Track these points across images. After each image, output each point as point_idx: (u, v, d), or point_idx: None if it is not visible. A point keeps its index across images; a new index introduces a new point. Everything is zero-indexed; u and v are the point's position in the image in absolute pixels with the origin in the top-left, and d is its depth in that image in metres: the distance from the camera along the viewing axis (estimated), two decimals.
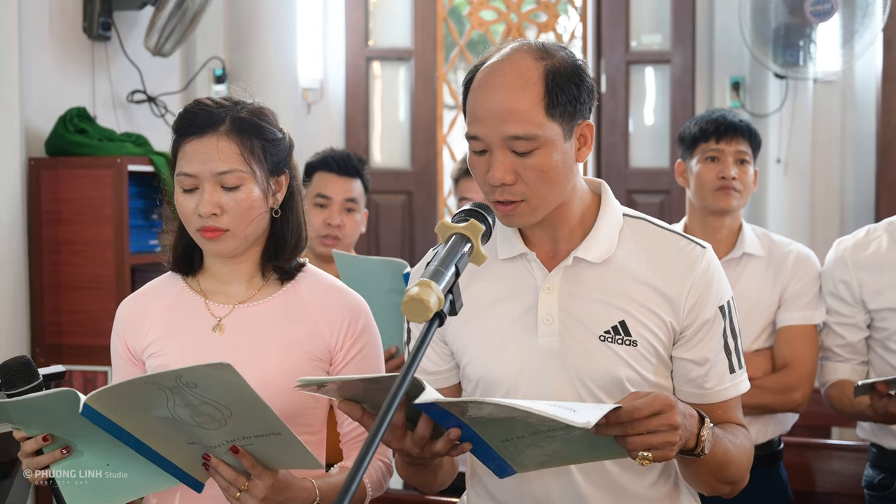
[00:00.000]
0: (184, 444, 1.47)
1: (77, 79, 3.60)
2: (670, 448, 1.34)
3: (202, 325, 1.69)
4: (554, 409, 1.23)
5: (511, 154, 1.44)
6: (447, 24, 4.84)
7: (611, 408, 1.30)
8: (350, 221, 2.68)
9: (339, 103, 5.01)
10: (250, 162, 1.63)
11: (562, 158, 1.46)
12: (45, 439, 1.52)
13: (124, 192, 3.28)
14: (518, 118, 1.42)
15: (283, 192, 1.70)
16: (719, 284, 1.53)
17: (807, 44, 4.47)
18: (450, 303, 1.27)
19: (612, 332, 1.49)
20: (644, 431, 1.32)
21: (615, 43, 4.98)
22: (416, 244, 5.01)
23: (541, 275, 1.53)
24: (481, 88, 1.46)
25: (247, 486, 1.48)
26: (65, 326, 3.34)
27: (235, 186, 1.62)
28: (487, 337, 1.54)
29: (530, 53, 1.46)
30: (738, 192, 2.48)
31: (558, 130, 1.45)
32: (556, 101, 1.43)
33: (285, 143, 1.71)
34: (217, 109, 1.64)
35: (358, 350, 1.70)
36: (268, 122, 1.68)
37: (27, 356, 1.59)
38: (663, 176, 4.93)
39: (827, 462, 2.75)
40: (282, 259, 1.70)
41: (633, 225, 1.56)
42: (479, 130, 1.45)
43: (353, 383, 1.34)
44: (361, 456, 1.09)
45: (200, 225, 1.63)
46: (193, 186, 1.63)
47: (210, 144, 1.62)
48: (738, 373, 1.56)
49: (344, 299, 1.72)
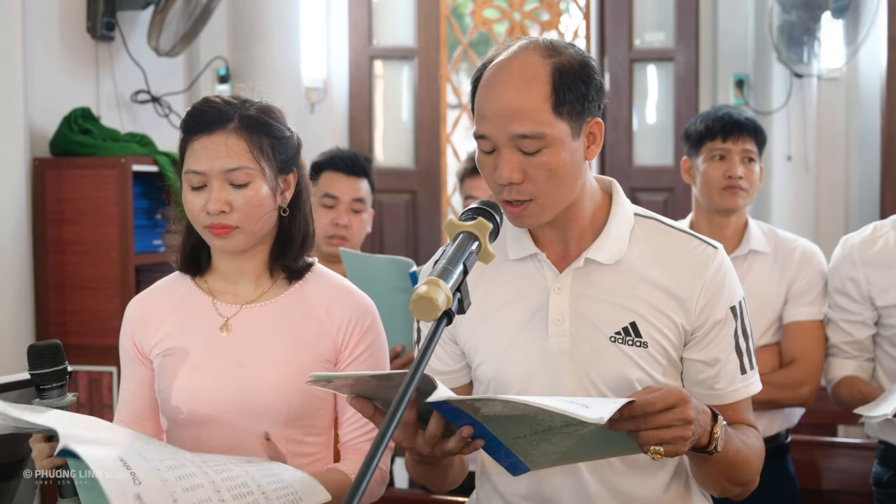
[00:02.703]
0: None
1: (81, 79, 3.60)
2: (683, 443, 1.33)
3: (210, 324, 1.69)
4: (566, 405, 1.23)
5: (519, 153, 1.43)
6: (450, 23, 4.84)
7: (624, 402, 1.29)
8: (357, 221, 2.68)
9: (343, 103, 5.01)
10: (259, 159, 1.63)
11: (570, 157, 1.45)
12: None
13: (129, 192, 3.27)
14: (525, 117, 1.42)
15: (291, 190, 1.69)
16: (731, 285, 1.53)
17: (811, 41, 4.47)
18: (458, 301, 1.27)
19: (622, 333, 1.48)
20: (657, 426, 1.31)
21: (618, 41, 4.97)
22: (419, 243, 5.01)
23: (551, 275, 1.52)
24: (488, 87, 1.45)
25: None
26: (69, 326, 3.34)
27: (244, 184, 1.62)
28: (498, 338, 1.54)
29: (538, 51, 1.45)
30: (744, 191, 2.48)
31: (566, 129, 1.44)
32: (563, 100, 1.43)
33: (293, 141, 1.70)
34: (226, 107, 1.64)
35: (363, 349, 1.70)
36: (276, 119, 1.68)
37: (58, 342, 1.58)
38: (667, 174, 4.92)
39: (833, 460, 2.74)
40: (289, 258, 1.70)
41: (644, 225, 1.55)
42: (486, 129, 1.45)
43: (364, 380, 1.34)
44: (372, 453, 1.08)
45: (209, 222, 1.62)
46: (202, 184, 1.62)
47: (219, 142, 1.61)
48: (749, 374, 1.55)
49: (350, 299, 1.72)
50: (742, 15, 4.77)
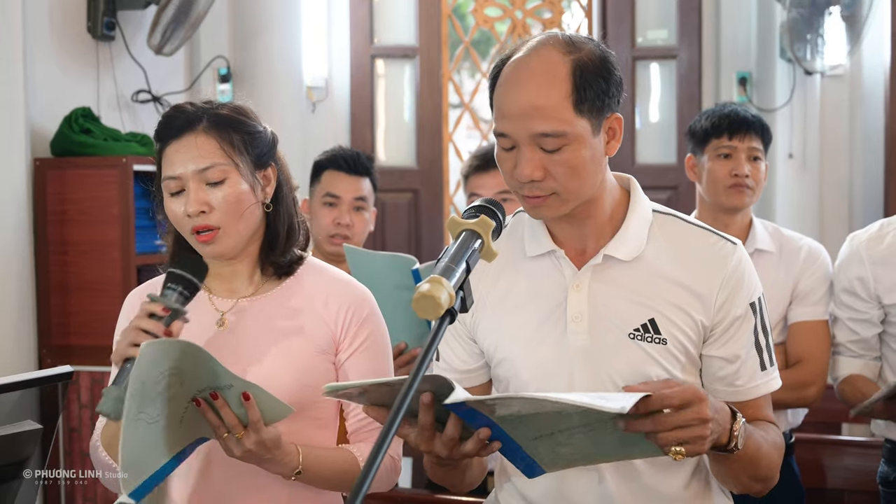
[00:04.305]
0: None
1: (82, 79, 3.59)
2: (702, 442, 1.33)
3: (206, 319, 1.68)
4: (585, 398, 1.22)
5: (539, 150, 1.42)
6: (452, 22, 4.83)
7: (642, 395, 1.28)
8: (359, 220, 2.67)
9: (344, 102, 5.00)
10: (231, 155, 1.62)
11: (591, 154, 1.44)
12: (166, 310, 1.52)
13: (130, 192, 3.27)
14: (546, 115, 1.41)
15: (272, 185, 1.69)
16: (750, 281, 1.52)
17: (815, 38, 4.45)
18: (461, 299, 1.26)
19: (641, 330, 1.48)
20: (674, 426, 1.30)
21: (620, 39, 4.96)
22: (422, 243, 5.00)
23: (570, 272, 1.52)
24: (508, 84, 1.44)
25: (241, 434, 1.49)
26: (71, 327, 3.33)
27: (220, 181, 1.61)
28: (517, 335, 1.53)
29: (557, 47, 1.44)
30: (750, 190, 2.47)
31: (587, 126, 1.43)
32: (584, 97, 1.42)
33: (267, 135, 1.70)
34: (194, 111, 1.64)
35: (363, 339, 1.69)
36: (246, 115, 1.68)
37: (207, 266, 1.60)
38: (670, 172, 4.91)
39: (839, 458, 2.73)
40: (276, 253, 1.69)
41: (662, 221, 1.54)
42: (506, 127, 1.44)
43: (377, 387, 1.33)
44: (375, 450, 1.06)
45: (192, 226, 1.62)
46: (179, 188, 1.62)
47: (189, 144, 1.62)
48: (769, 370, 1.55)
49: (347, 290, 1.71)
50: (745, 12, 4.75)
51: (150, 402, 1.45)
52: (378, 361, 1.71)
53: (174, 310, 1.53)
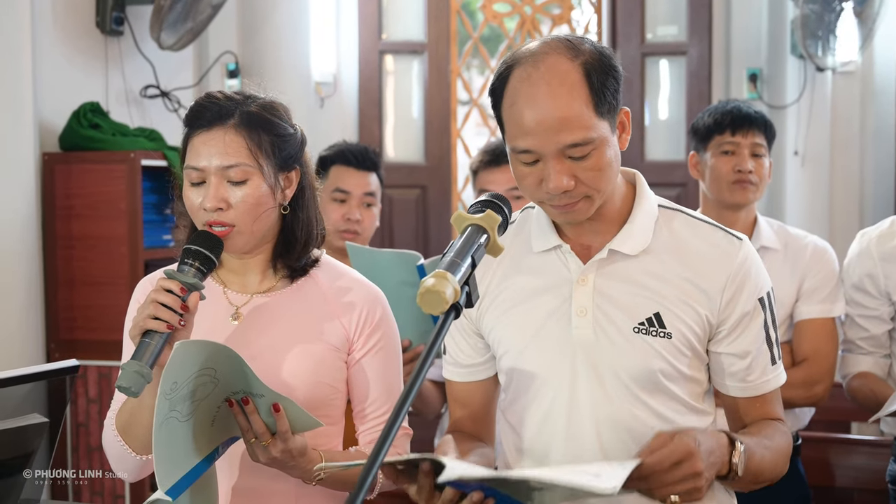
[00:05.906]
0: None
1: (90, 74, 3.60)
2: (697, 493, 1.34)
3: (220, 312, 1.69)
4: (576, 476, 1.23)
5: (567, 160, 1.42)
6: (460, 18, 4.82)
7: (633, 466, 1.28)
8: (368, 216, 2.66)
9: (353, 97, 5.00)
10: (257, 156, 1.61)
11: (613, 152, 1.46)
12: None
13: (138, 186, 3.27)
14: (572, 125, 1.40)
15: (292, 188, 1.68)
16: (758, 275, 1.52)
17: (826, 34, 4.43)
18: (466, 294, 1.25)
19: (646, 323, 1.47)
20: (667, 483, 1.32)
21: (630, 35, 4.94)
22: (430, 239, 5.00)
23: (575, 267, 1.52)
24: (524, 100, 1.42)
25: (268, 442, 1.52)
26: (79, 322, 3.33)
27: (242, 181, 1.61)
28: (522, 329, 1.53)
29: (563, 53, 1.43)
30: (753, 186, 2.45)
31: (607, 126, 1.44)
32: (602, 99, 1.42)
33: (297, 138, 1.69)
34: (227, 103, 1.63)
35: (375, 341, 1.70)
36: (278, 116, 1.66)
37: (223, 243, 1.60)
38: (679, 169, 4.89)
39: (847, 457, 2.72)
40: (291, 257, 1.69)
41: (668, 216, 1.54)
42: (531, 143, 1.42)
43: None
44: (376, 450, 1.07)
45: (207, 219, 1.61)
46: (201, 180, 1.62)
47: (217, 138, 1.61)
48: (778, 364, 1.55)
49: (361, 290, 1.72)
50: (756, 8, 4.73)
51: (182, 401, 1.46)
52: (389, 363, 1.73)
53: (190, 284, 1.53)
